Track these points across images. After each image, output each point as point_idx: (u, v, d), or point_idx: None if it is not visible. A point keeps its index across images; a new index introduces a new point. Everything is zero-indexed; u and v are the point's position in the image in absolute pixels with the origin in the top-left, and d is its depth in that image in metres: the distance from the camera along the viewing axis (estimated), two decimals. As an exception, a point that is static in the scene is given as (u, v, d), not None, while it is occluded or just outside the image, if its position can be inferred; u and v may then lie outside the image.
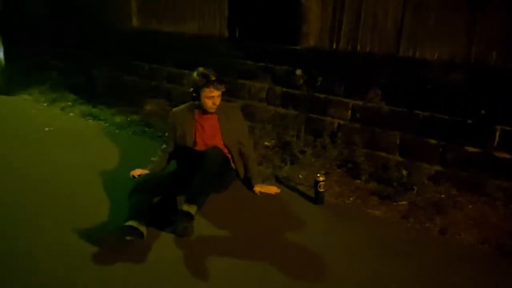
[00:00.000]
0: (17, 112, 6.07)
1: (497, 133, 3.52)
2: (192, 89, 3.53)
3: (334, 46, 4.42)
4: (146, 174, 3.50)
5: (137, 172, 3.60)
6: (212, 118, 3.64)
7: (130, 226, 2.91)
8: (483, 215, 3.33)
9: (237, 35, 5.10)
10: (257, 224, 3.29)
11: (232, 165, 3.70)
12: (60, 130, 5.28)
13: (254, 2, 4.83)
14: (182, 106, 3.78)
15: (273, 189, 3.71)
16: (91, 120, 5.66)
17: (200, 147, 3.59)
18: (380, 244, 3.02)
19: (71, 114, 5.93)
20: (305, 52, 4.52)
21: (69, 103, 6.29)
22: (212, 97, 3.51)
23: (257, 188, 3.70)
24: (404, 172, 3.84)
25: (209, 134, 3.62)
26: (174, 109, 3.81)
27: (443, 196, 3.59)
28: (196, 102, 3.56)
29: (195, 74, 3.54)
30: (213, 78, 3.49)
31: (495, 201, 3.48)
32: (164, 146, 3.79)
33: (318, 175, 3.51)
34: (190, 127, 3.63)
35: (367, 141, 4.21)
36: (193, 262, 2.78)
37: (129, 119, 5.62)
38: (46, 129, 5.29)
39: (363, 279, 2.64)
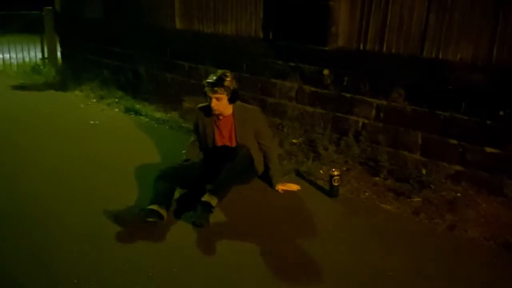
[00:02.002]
0: (67, 106, 6.55)
1: (516, 134, 3.55)
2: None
3: (361, 47, 4.54)
4: (172, 164, 3.75)
5: None
6: (228, 120, 3.77)
7: (152, 209, 3.18)
8: (496, 214, 3.37)
9: (270, 36, 5.30)
10: (270, 214, 3.49)
11: None
12: (104, 123, 5.69)
13: (287, 4, 5.02)
14: (207, 103, 3.82)
15: (294, 187, 3.85)
16: (133, 115, 6.04)
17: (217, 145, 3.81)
18: (383, 236, 3.14)
19: (116, 109, 6.34)
20: (333, 52, 4.66)
21: (116, 99, 6.70)
22: (210, 98, 3.61)
23: (280, 186, 3.84)
24: (424, 171, 3.92)
25: (226, 136, 3.79)
26: (200, 105, 3.93)
27: (458, 195, 3.65)
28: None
29: None
30: (209, 81, 3.59)
31: (511, 202, 3.51)
32: (192, 139, 4.04)
33: (333, 169, 3.65)
34: (210, 127, 3.82)
35: (390, 140, 4.30)
36: (206, 246, 3.02)
37: (168, 115, 5.96)
38: (91, 122, 5.71)
39: (360, 267, 2.78)
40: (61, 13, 9.00)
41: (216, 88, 3.57)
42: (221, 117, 3.77)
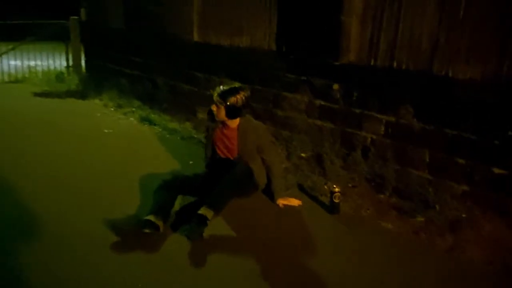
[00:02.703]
0: (84, 114, 6.70)
1: (524, 156, 3.45)
2: None
3: (372, 62, 4.50)
4: (174, 174, 3.79)
5: None
6: (233, 132, 3.80)
7: (148, 220, 3.23)
8: (499, 236, 3.27)
9: (283, 49, 5.31)
10: (268, 228, 3.49)
11: None
12: (117, 132, 5.81)
13: (299, 18, 5.03)
14: None
15: (295, 202, 3.84)
16: (147, 125, 6.13)
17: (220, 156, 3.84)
18: (380, 255, 3.11)
19: (131, 118, 6.45)
20: (343, 67, 4.63)
21: (133, 109, 6.82)
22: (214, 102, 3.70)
23: (281, 201, 3.83)
24: (430, 190, 3.85)
25: (228, 146, 3.82)
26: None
27: (464, 215, 3.56)
28: None
29: None
30: (221, 88, 3.69)
31: (517, 225, 3.41)
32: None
33: (334, 186, 3.62)
34: (214, 134, 3.87)
35: (398, 157, 4.23)
36: (199, 257, 3.03)
37: (181, 125, 6.03)
38: (106, 131, 5.83)
39: (355, 281, 2.77)
40: (86, 23, 9.21)
41: (216, 96, 3.65)
42: (226, 127, 3.80)
